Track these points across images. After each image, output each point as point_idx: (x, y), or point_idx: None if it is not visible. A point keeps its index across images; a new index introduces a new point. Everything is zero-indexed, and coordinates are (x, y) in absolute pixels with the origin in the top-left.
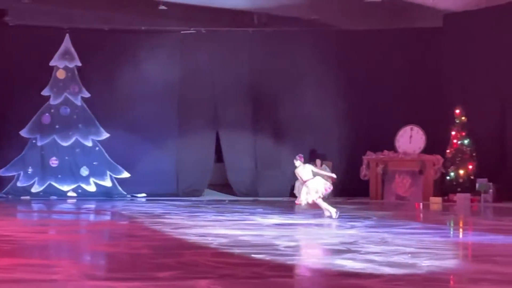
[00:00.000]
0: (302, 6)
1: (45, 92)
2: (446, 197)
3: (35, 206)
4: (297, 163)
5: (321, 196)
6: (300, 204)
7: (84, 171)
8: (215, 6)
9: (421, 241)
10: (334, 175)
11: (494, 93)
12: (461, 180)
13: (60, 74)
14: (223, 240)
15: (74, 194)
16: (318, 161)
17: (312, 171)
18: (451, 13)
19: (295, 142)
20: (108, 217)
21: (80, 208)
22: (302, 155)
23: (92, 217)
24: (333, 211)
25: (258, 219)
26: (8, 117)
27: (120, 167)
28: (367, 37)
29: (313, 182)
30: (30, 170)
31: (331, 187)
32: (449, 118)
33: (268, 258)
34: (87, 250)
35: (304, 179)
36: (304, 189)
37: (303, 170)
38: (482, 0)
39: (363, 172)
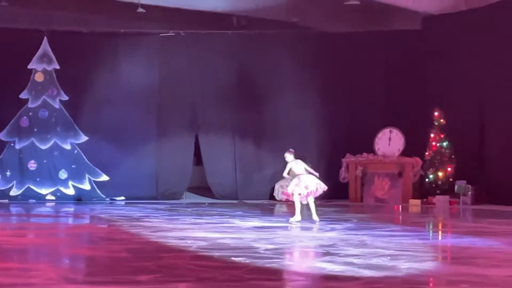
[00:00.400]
0: (282, 9)
1: (23, 95)
2: (425, 200)
3: (14, 209)
4: (289, 157)
5: (309, 194)
6: (289, 195)
7: (63, 174)
8: (194, 8)
9: (400, 243)
10: (316, 174)
11: (473, 96)
12: (440, 182)
13: (39, 77)
14: (203, 243)
15: (53, 198)
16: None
17: (305, 168)
18: (430, 15)
19: (274, 145)
20: (87, 221)
21: (59, 211)
22: (293, 150)
23: (71, 220)
24: (297, 217)
25: (238, 222)
26: None
27: (98, 170)
28: (347, 39)
29: (307, 177)
30: (8, 173)
31: (324, 189)
32: (428, 121)
33: (247, 261)
34: (66, 253)
35: (297, 173)
36: (295, 180)
37: (296, 165)
38: (460, 3)
39: (342, 174)
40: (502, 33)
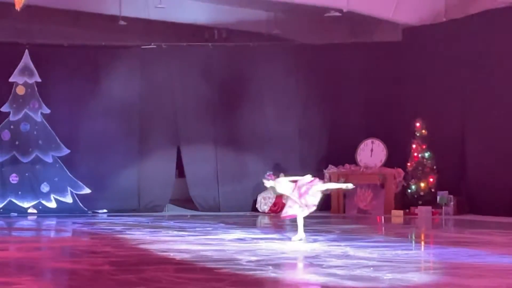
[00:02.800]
0: (262, 21)
1: (4, 109)
2: (407, 210)
3: None
4: (268, 183)
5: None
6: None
7: (45, 188)
8: (175, 21)
9: (383, 254)
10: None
11: (454, 106)
12: (422, 193)
13: (20, 90)
14: (185, 256)
15: (35, 211)
16: (280, 175)
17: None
18: (410, 27)
19: (256, 156)
20: (69, 234)
21: (41, 224)
22: (270, 173)
23: (53, 233)
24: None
25: (220, 234)
26: None
27: (80, 183)
28: (327, 51)
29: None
30: None
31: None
32: (410, 131)
33: (230, 273)
34: (49, 267)
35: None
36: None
37: (281, 185)
38: (440, 14)
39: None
40: (482, 44)
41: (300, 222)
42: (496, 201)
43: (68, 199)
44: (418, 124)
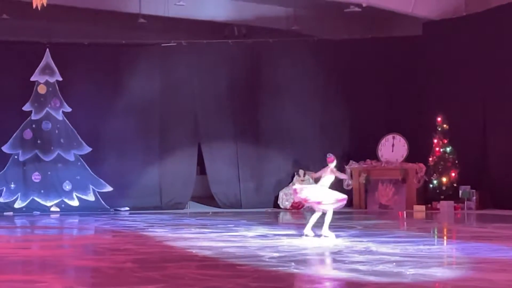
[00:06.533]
0: (282, 17)
1: (26, 108)
2: (429, 205)
3: (18, 221)
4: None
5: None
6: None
7: (67, 186)
8: (195, 18)
9: (405, 249)
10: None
11: (475, 100)
12: (444, 188)
13: (41, 89)
14: (208, 252)
15: (57, 209)
16: (301, 172)
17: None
18: (430, 21)
19: (277, 153)
20: (91, 232)
21: (64, 223)
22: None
23: (75, 231)
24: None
25: (242, 231)
26: None
27: (102, 181)
28: (347, 46)
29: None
30: (12, 185)
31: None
32: (431, 126)
33: (252, 269)
34: (71, 265)
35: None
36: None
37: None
38: (460, 8)
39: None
40: (503, 37)
41: (313, 219)
42: None
43: (90, 197)
44: (439, 119)
